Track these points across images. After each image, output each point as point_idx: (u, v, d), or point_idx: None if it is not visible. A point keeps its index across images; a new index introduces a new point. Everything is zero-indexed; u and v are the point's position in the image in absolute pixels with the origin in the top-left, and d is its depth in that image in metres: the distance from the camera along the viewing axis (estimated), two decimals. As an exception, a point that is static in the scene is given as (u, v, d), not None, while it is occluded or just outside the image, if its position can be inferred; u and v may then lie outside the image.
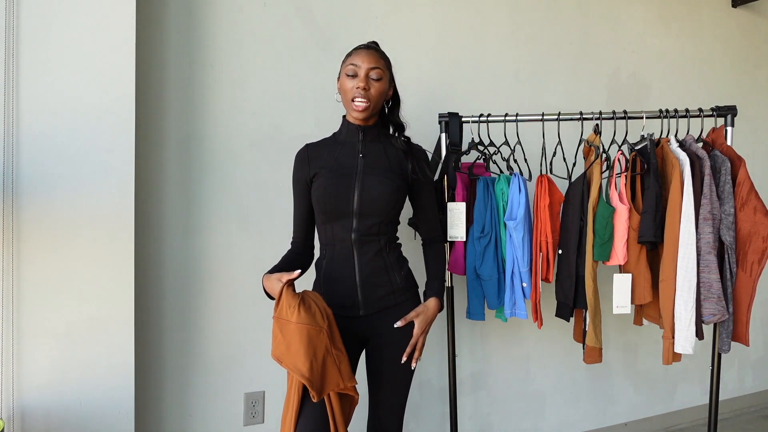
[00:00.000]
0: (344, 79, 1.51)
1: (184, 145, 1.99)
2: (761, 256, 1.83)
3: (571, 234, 1.93)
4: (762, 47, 3.33)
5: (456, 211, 1.96)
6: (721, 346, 1.90)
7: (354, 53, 1.52)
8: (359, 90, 1.47)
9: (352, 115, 1.53)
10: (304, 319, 1.33)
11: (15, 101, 1.57)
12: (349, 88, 1.49)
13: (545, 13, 2.65)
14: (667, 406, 2.98)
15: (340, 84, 1.53)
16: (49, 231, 1.61)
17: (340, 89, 1.54)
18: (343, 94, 1.53)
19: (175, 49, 1.97)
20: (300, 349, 1.32)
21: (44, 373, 1.62)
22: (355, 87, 1.47)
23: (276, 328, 1.36)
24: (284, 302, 1.35)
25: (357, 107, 1.48)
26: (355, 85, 1.47)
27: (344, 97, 1.52)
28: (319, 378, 1.33)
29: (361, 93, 1.47)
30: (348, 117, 1.58)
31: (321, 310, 1.37)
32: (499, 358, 2.56)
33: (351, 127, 1.57)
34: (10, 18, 1.56)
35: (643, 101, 2.90)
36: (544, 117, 2.01)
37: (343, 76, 1.51)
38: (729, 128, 1.95)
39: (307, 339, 1.32)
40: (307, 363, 1.31)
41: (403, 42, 2.33)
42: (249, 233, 2.08)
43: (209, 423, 2.03)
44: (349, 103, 1.50)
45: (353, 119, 1.55)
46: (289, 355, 1.33)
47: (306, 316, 1.33)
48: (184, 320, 1.99)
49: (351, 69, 1.49)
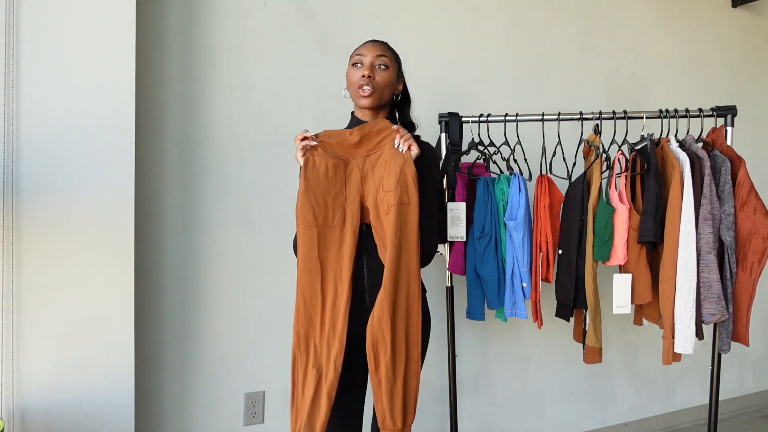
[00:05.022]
0: (350, 70, 1.49)
1: (184, 145, 1.99)
2: (761, 256, 1.83)
3: (571, 234, 1.93)
4: (762, 47, 3.33)
5: (456, 211, 1.95)
6: (721, 346, 1.90)
7: (361, 46, 1.51)
8: (364, 78, 1.45)
9: (360, 104, 1.50)
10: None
11: (15, 101, 1.57)
12: (355, 77, 1.47)
13: (545, 13, 2.65)
14: (667, 406, 2.98)
15: (347, 76, 1.51)
16: (49, 231, 1.61)
17: (348, 82, 1.52)
18: (350, 85, 1.51)
19: (175, 49, 1.97)
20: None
21: (44, 373, 1.61)
22: (360, 75, 1.46)
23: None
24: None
25: (363, 93, 1.45)
26: (361, 74, 1.46)
27: (351, 88, 1.50)
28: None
29: (366, 81, 1.45)
30: (356, 112, 1.55)
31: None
32: (499, 358, 2.56)
33: (360, 123, 1.53)
34: (10, 18, 1.56)
35: (643, 101, 2.89)
36: (544, 117, 2.01)
37: (350, 68, 1.50)
38: (729, 128, 1.95)
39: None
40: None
41: (403, 42, 2.31)
42: (249, 233, 2.08)
43: (209, 423, 2.03)
44: (356, 93, 1.48)
45: (362, 113, 1.53)
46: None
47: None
48: (184, 320, 1.99)
49: (357, 59, 1.48)
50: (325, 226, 1.39)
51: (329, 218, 1.40)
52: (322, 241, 1.39)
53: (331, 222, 1.40)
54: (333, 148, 1.44)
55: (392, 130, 1.44)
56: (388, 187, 1.38)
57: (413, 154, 1.40)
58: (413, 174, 1.39)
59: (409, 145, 1.40)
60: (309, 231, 1.38)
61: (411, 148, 1.40)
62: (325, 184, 1.41)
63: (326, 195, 1.40)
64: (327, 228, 1.40)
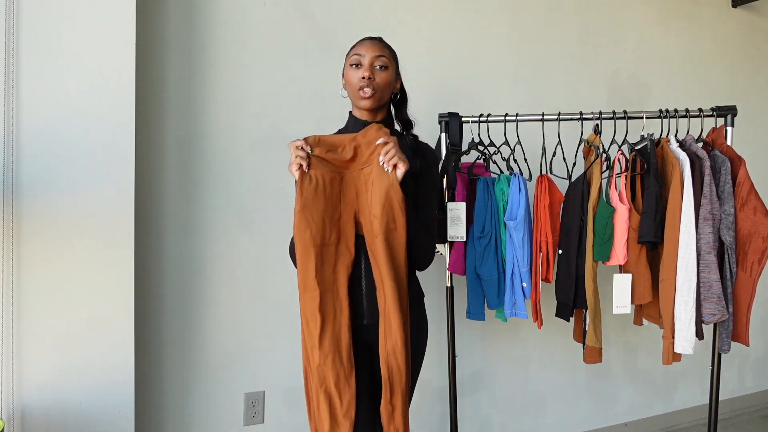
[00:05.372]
0: (349, 71, 1.46)
1: (184, 145, 1.99)
2: (761, 256, 1.83)
3: (571, 234, 1.93)
4: (762, 47, 3.33)
5: (456, 211, 1.95)
6: (721, 346, 1.90)
7: (358, 44, 1.48)
8: (364, 80, 1.42)
9: (360, 106, 1.47)
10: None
11: (15, 101, 1.57)
12: (354, 78, 1.44)
13: (545, 13, 2.65)
14: (667, 406, 2.98)
15: (345, 77, 1.48)
16: (49, 231, 1.61)
17: (346, 82, 1.48)
18: (348, 86, 1.47)
19: (175, 48, 1.97)
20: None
21: (44, 373, 1.61)
22: (360, 77, 1.42)
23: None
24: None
25: (364, 94, 1.42)
26: (360, 75, 1.43)
27: (350, 89, 1.47)
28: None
29: (366, 82, 1.42)
30: (354, 111, 1.52)
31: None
32: (499, 358, 2.56)
33: (358, 122, 1.50)
34: (10, 18, 1.56)
35: (643, 101, 2.89)
36: (544, 117, 2.01)
37: (348, 68, 1.46)
38: (729, 128, 1.95)
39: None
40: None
41: (403, 42, 2.31)
42: (249, 233, 2.08)
43: (209, 423, 2.03)
44: (356, 94, 1.45)
45: (360, 112, 1.50)
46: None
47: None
48: (184, 320, 1.99)
49: (355, 59, 1.44)
50: (322, 245, 1.36)
51: (326, 236, 1.37)
52: (319, 261, 1.36)
53: (327, 240, 1.37)
54: (328, 161, 1.39)
55: (378, 144, 1.37)
56: (375, 213, 1.36)
57: (399, 175, 1.34)
58: (399, 198, 1.35)
59: (394, 165, 1.34)
60: (307, 251, 1.35)
61: (397, 166, 1.34)
62: (322, 201, 1.36)
63: (324, 213, 1.36)
64: (324, 247, 1.36)
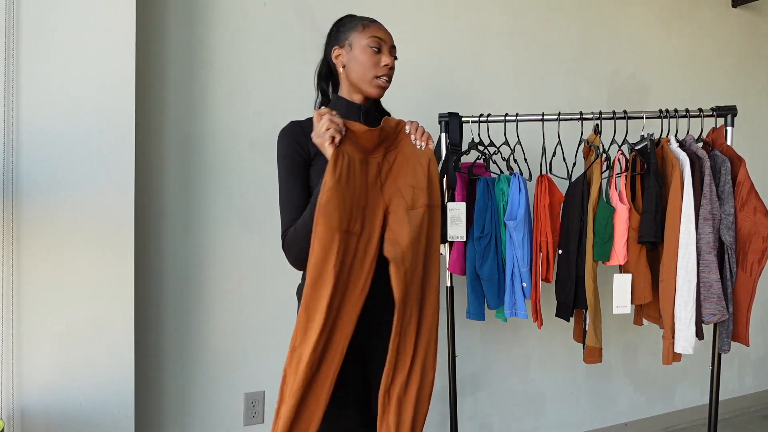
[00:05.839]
0: (366, 52, 1.33)
1: (184, 145, 1.99)
2: (761, 256, 1.83)
3: (571, 234, 1.93)
4: (762, 47, 3.33)
5: (456, 211, 1.95)
6: (721, 346, 1.89)
7: (372, 26, 1.37)
8: (387, 68, 1.34)
9: (369, 92, 1.35)
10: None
11: (15, 101, 1.57)
12: (374, 63, 1.33)
13: (545, 13, 2.65)
14: (667, 406, 2.98)
15: (358, 56, 1.34)
16: (49, 231, 1.61)
17: (356, 62, 1.34)
18: (359, 67, 1.33)
19: (175, 49, 1.97)
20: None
21: (44, 373, 1.61)
22: (384, 64, 1.33)
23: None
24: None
25: (381, 83, 1.34)
26: (384, 62, 1.33)
27: (361, 70, 1.33)
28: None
29: (388, 71, 1.34)
30: (348, 95, 1.39)
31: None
32: (499, 358, 2.56)
33: (351, 106, 1.37)
34: (10, 18, 1.56)
35: (643, 101, 2.90)
36: (544, 117, 2.01)
37: (364, 48, 1.33)
38: (729, 128, 1.95)
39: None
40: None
41: (403, 42, 2.32)
42: (249, 233, 2.08)
43: (209, 423, 2.03)
44: (368, 79, 1.33)
45: (357, 96, 1.38)
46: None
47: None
48: (184, 320, 1.99)
49: (376, 42, 1.33)
50: (347, 232, 1.18)
51: (352, 224, 1.19)
52: (341, 250, 1.16)
53: (352, 228, 1.19)
54: (358, 140, 1.24)
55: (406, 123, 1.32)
56: (418, 184, 1.25)
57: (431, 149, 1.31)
58: (438, 175, 1.30)
59: (426, 140, 1.31)
60: (331, 235, 1.15)
61: (429, 142, 1.31)
62: (353, 183, 1.20)
63: (353, 196, 1.19)
64: (348, 235, 1.18)
